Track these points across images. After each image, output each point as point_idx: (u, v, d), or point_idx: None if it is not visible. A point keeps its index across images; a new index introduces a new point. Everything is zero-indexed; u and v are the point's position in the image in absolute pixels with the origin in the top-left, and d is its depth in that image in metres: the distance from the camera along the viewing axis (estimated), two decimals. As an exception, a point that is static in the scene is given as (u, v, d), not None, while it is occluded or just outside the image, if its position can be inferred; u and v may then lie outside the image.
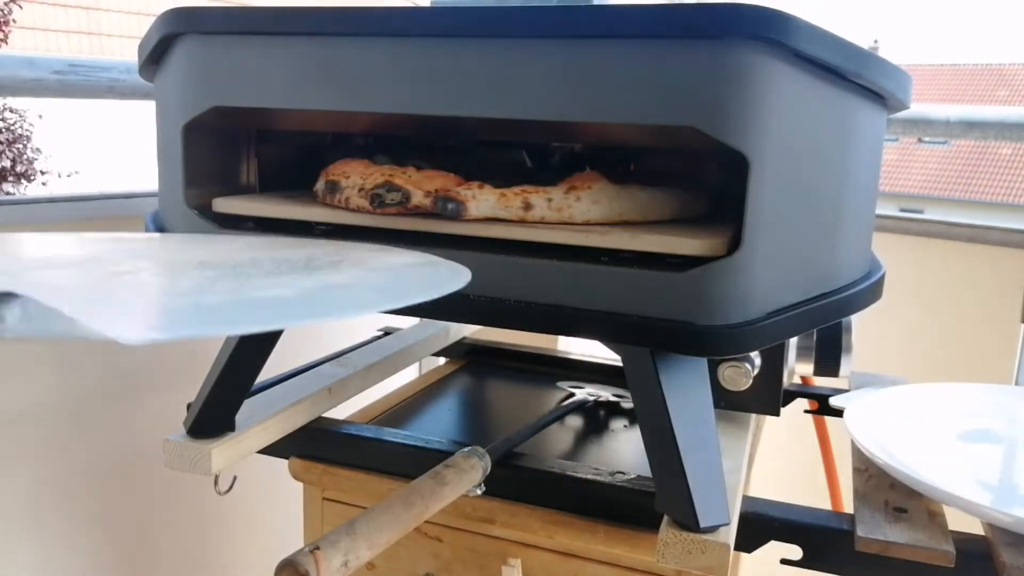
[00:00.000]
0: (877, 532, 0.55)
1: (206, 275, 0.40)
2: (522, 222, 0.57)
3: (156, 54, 0.61)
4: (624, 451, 0.73)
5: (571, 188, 0.58)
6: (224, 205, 0.64)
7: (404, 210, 0.59)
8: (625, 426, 0.79)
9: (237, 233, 0.61)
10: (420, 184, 0.59)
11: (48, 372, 0.83)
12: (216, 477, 0.62)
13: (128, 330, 0.26)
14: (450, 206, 0.56)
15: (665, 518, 0.53)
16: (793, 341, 0.72)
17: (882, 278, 0.61)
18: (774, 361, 0.68)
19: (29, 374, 0.82)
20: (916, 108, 1.42)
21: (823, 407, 0.84)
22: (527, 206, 0.57)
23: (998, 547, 0.54)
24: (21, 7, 4.86)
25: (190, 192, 0.62)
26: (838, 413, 0.76)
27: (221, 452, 0.61)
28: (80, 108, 4.61)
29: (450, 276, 0.42)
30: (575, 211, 0.57)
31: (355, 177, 0.62)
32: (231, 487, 0.64)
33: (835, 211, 0.55)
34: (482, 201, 0.57)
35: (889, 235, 1.49)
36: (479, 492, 0.57)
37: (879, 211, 0.65)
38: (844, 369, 0.73)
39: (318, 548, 0.43)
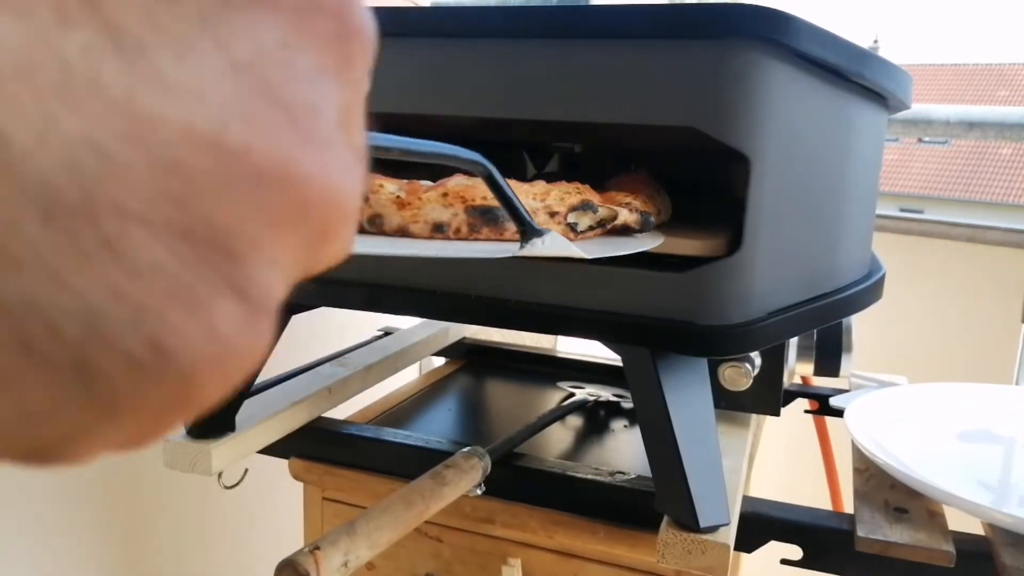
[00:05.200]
0: (877, 532, 0.55)
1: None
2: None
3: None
4: (624, 451, 0.73)
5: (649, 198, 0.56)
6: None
7: (603, 232, 0.51)
8: (625, 426, 0.79)
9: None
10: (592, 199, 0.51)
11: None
12: (220, 472, 0.62)
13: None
14: (651, 220, 0.53)
15: (665, 518, 0.53)
16: (793, 341, 0.72)
17: (882, 278, 0.61)
18: (774, 361, 0.68)
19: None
20: (916, 108, 1.42)
21: (823, 407, 0.84)
22: (658, 211, 0.56)
23: (998, 547, 0.54)
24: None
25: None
26: (838, 413, 0.76)
27: (221, 452, 0.61)
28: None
29: (647, 240, 0.51)
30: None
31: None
32: (239, 482, 0.64)
33: (836, 211, 0.55)
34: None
35: (889, 235, 1.49)
36: (479, 492, 0.57)
37: (879, 211, 0.65)
38: (844, 369, 0.73)
39: (318, 548, 0.43)
